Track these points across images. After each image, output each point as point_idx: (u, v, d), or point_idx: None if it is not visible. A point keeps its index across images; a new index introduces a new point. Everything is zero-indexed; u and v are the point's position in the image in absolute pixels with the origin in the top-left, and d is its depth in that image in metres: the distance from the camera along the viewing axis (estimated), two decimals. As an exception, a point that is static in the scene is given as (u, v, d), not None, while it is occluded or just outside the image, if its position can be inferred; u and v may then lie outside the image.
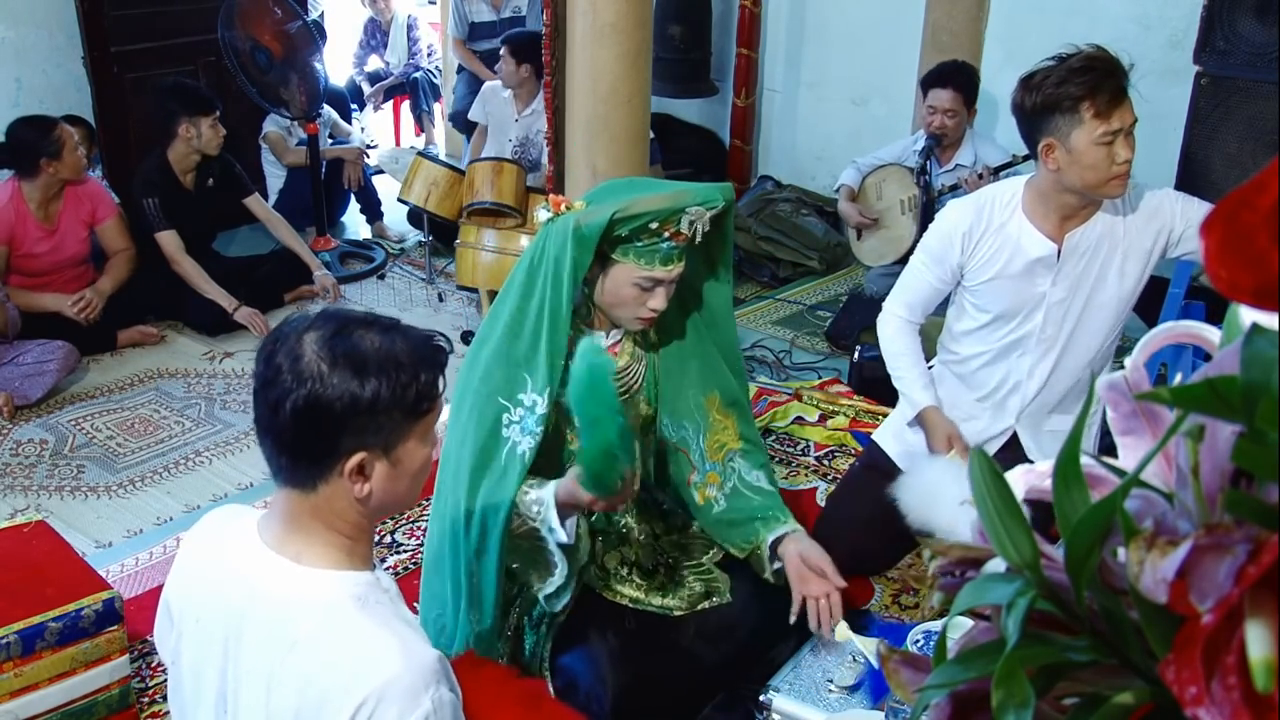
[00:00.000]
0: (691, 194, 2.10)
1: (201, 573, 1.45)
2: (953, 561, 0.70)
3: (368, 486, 1.34)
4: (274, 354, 1.32)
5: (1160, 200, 2.49)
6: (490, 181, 4.55)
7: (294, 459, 1.33)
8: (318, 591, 1.34)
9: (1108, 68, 2.28)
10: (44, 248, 4.13)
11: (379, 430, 1.32)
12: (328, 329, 1.32)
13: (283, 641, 1.32)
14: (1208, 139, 3.10)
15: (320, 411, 1.29)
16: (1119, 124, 2.28)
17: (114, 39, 4.98)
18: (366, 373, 1.30)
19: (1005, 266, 2.52)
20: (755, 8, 5.58)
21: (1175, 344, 0.76)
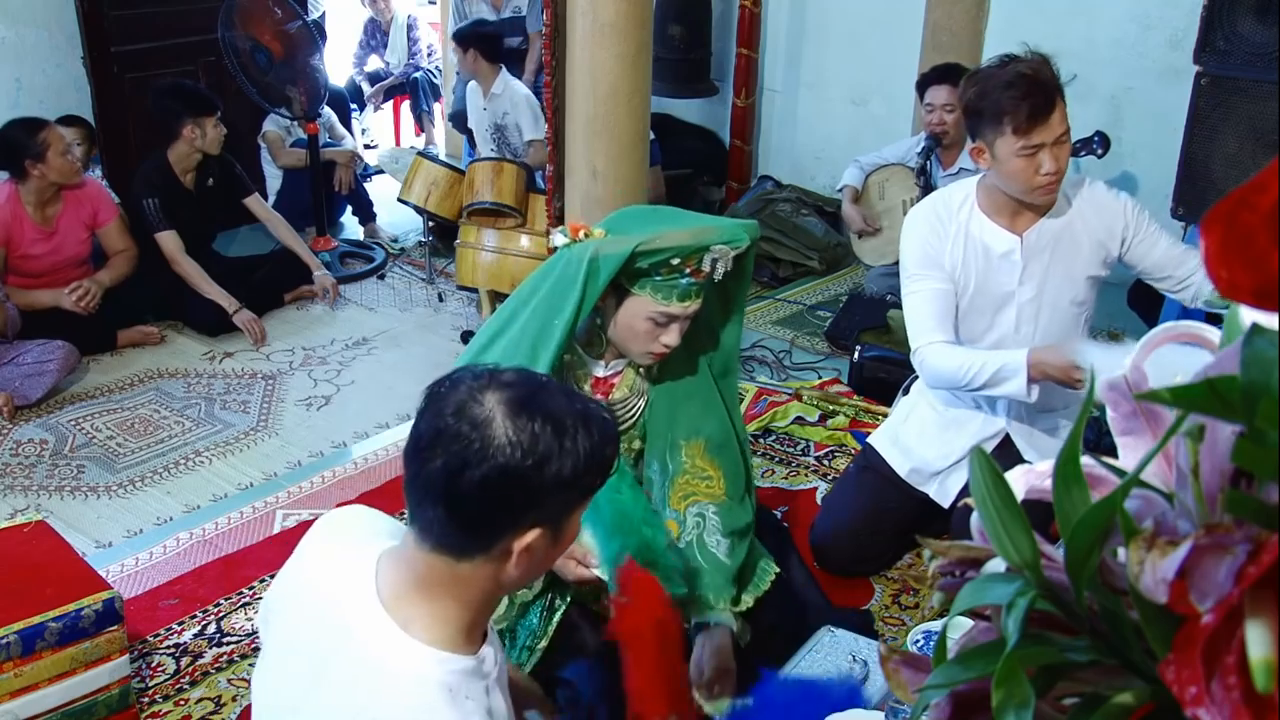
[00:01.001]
0: (717, 231, 2.05)
1: (310, 578, 1.37)
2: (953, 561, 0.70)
3: (526, 566, 1.26)
4: (444, 410, 1.22)
5: (1116, 202, 2.53)
6: (490, 181, 4.55)
7: (466, 529, 1.23)
8: (412, 669, 1.23)
9: (1035, 83, 2.28)
10: (42, 249, 4.13)
11: (560, 504, 1.25)
12: (515, 391, 1.23)
13: (363, 705, 1.24)
14: (1208, 139, 3.10)
15: (518, 482, 1.19)
16: (1040, 139, 2.30)
17: (114, 39, 4.98)
18: (566, 443, 1.21)
19: (973, 263, 2.52)
20: (755, 8, 5.58)
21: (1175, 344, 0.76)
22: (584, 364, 2.20)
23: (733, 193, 5.78)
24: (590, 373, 2.21)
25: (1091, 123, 4.37)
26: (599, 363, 2.20)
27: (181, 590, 2.87)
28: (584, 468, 1.22)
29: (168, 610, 2.78)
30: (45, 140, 3.97)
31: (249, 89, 4.90)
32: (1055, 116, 2.31)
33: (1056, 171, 2.34)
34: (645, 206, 2.33)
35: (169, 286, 4.40)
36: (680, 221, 2.13)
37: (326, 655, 1.28)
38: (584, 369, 2.21)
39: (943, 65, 4.20)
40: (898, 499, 2.78)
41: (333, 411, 3.90)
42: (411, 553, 1.27)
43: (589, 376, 2.22)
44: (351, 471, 3.46)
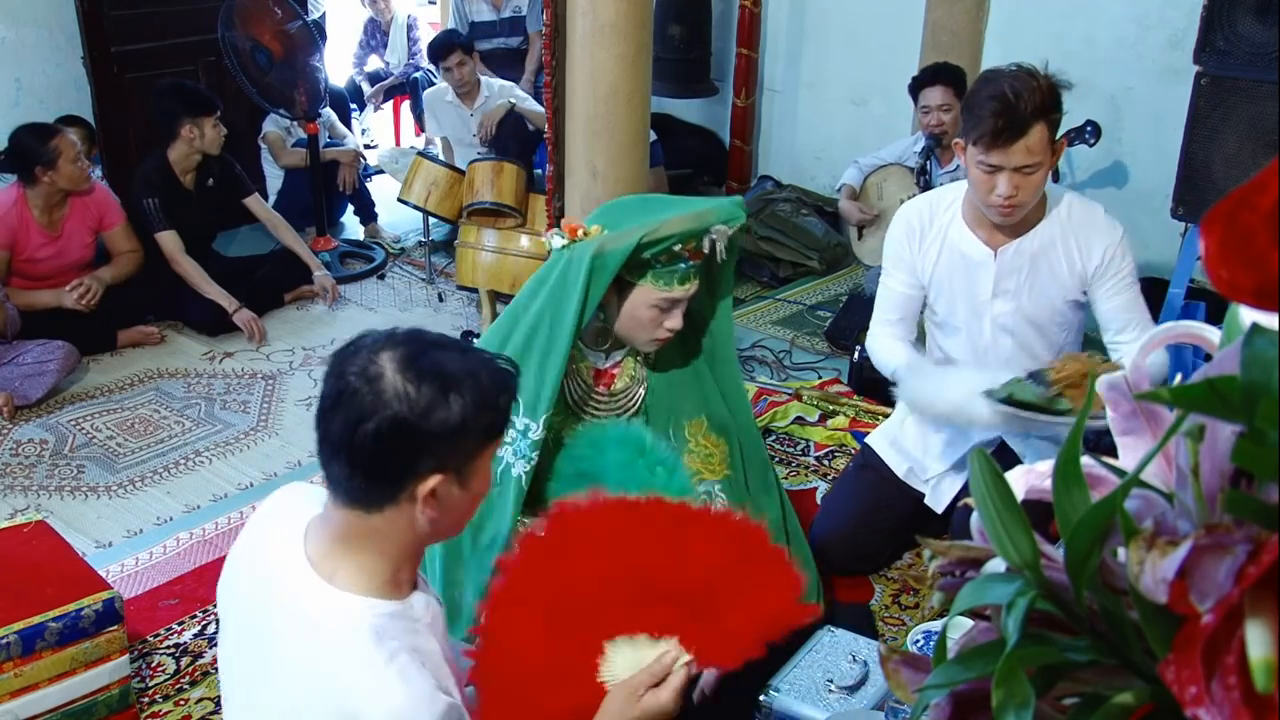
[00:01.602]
0: (714, 212, 2.09)
1: (252, 557, 1.46)
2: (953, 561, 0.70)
3: (436, 511, 1.33)
4: (344, 372, 1.30)
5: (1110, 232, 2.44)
6: (490, 181, 4.55)
7: (369, 480, 1.31)
8: (339, 617, 1.32)
9: (1010, 108, 2.22)
10: (47, 253, 4.13)
11: (459, 452, 1.32)
12: (407, 349, 1.31)
13: (298, 659, 1.32)
14: (1208, 139, 3.10)
15: (406, 433, 1.28)
16: (998, 162, 2.26)
17: (114, 39, 4.98)
18: (452, 393, 1.29)
19: (950, 270, 2.52)
20: (755, 8, 5.58)
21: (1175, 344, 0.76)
22: (585, 358, 2.21)
23: (733, 192, 5.78)
24: (593, 365, 2.23)
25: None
26: (600, 355, 2.21)
27: (181, 590, 2.87)
28: (473, 415, 1.30)
29: (168, 610, 2.78)
30: (57, 148, 3.97)
31: (249, 89, 4.90)
32: (1020, 145, 2.24)
33: (1011, 198, 2.28)
34: (631, 197, 2.35)
35: (169, 286, 4.40)
36: (671, 207, 2.15)
37: (270, 626, 1.37)
38: (586, 362, 2.22)
39: (933, 66, 4.21)
40: (896, 498, 2.79)
41: (333, 411, 3.89)
42: (330, 511, 1.37)
43: (591, 369, 2.24)
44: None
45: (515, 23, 5.97)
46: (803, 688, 2.11)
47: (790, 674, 2.16)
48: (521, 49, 5.99)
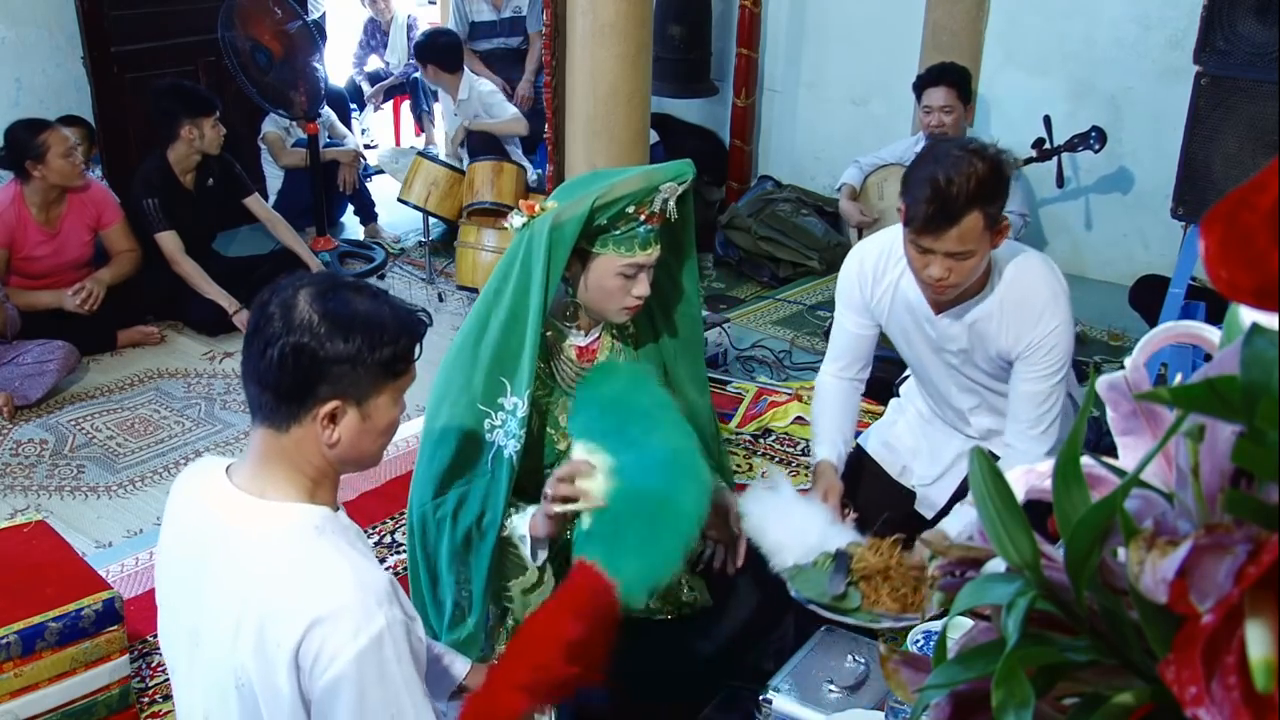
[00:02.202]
0: (663, 171, 2.11)
1: (177, 518, 1.56)
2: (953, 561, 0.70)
3: (337, 433, 1.46)
4: (268, 303, 1.45)
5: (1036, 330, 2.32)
6: (490, 181, 4.56)
7: (275, 399, 1.44)
8: (279, 522, 1.45)
9: (944, 197, 2.11)
10: (45, 250, 4.13)
11: (356, 383, 1.45)
12: (321, 286, 1.46)
13: (246, 573, 1.42)
14: (1208, 139, 3.10)
15: (304, 358, 1.41)
16: (928, 245, 2.17)
17: (114, 39, 4.98)
18: (352, 329, 1.43)
19: (900, 317, 2.49)
20: (755, 8, 5.58)
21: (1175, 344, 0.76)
22: (564, 335, 2.23)
23: (733, 193, 5.78)
24: (573, 343, 2.25)
25: (1091, 123, 4.37)
26: (579, 332, 2.23)
27: (181, 590, 2.87)
28: (369, 350, 1.43)
29: (168, 610, 2.78)
30: (46, 141, 3.97)
31: (249, 89, 4.90)
32: (952, 234, 2.14)
33: (942, 280, 2.21)
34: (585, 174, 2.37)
35: (169, 286, 4.40)
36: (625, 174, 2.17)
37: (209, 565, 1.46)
38: (566, 340, 2.24)
39: (938, 66, 4.20)
40: (890, 496, 2.79)
41: (333, 411, 3.90)
42: (252, 438, 1.50)
43: (572, 347, 2.25)
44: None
45: (515, 23, 5.97)
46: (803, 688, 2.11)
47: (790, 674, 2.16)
48: (521, 49, 5.99)
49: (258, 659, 1.38)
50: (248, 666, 1.39)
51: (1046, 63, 5.04)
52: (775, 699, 2.07)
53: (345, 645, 1.34)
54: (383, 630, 1.36)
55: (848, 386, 2.65)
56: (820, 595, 2.04)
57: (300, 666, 1.36)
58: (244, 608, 1.39)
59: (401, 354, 1.48)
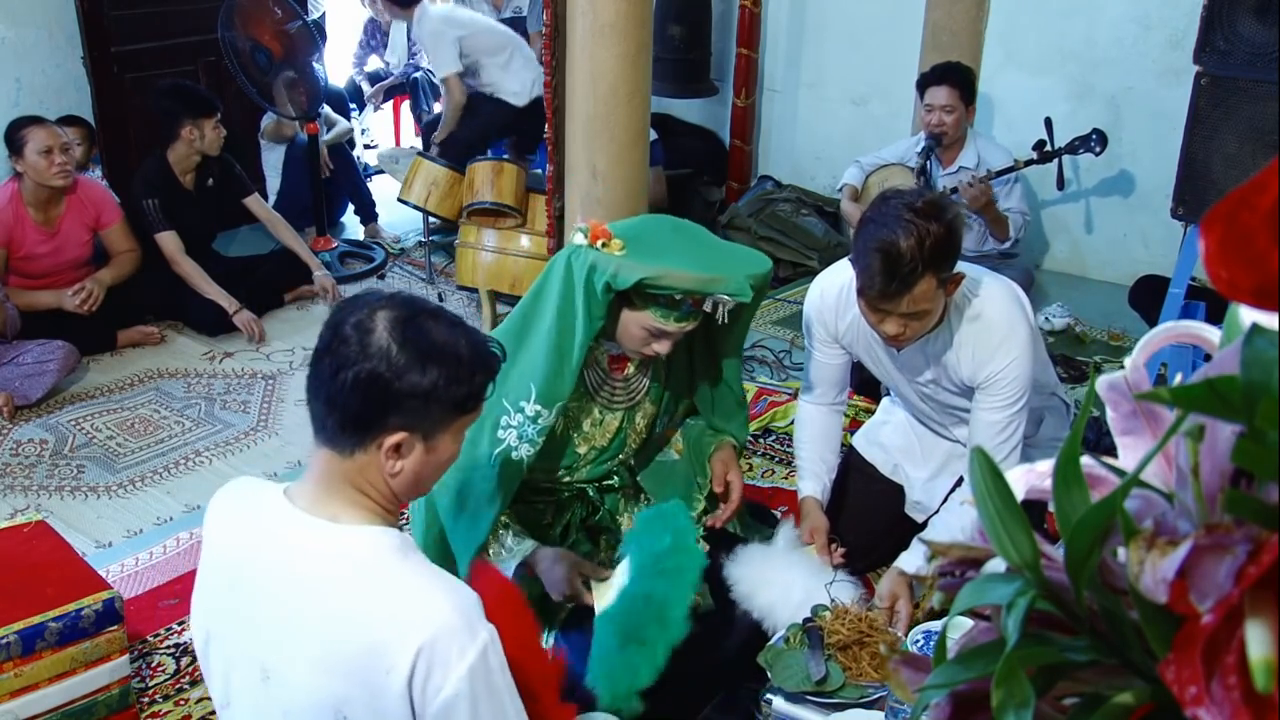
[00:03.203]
0: (724, 282, 2.08)
1: (225, 546, 1.48)
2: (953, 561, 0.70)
3: (401, 464, 1.42)
4: (343, 323, 1.41)
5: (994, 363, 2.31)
6: (490, 181, 4.55)
7: (341, 423, 1.40)
8: (360, 547, 1.39)
9: (893, 266, 2.07)
10: (44, 250, 4.13)
11: (426, 417, 1.41)
12: (401, 312, 1.41)
13: (335, 603, 1.36)
14: (1208, 139, 3.10)
15: (378, 387, 1.38)
16: (883, 308, 2.15)
17: (114, 39, 4.98)
18: (430, 362, 1.39)
19: (867, 346, 2.50)
20: (755, 8, 5.58)
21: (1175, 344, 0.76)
22: (601, 345, 2.28)
23: (733, 193, 5.78)
24: (608, 351, 2.30)
25: (1091, 123, 4.37)
26: (614, 344, 2.25)
27: (181, 590, 2.87)
28: (444, 386, 1.40)
29: (168, 610, 2.78)
30: (24, 136, 3.95)
31: (249, 89, 4.90)
32: (904, 301, 2.11)
33: (898, 337, 2.20)
34: (667, 221, 2.30)
35: (169, 286, 4.40)
36: (696, 255, 2.16)
37: (281, 593, 1.40)
38: (603, 349, 2.29)
39: (942, 65, 4.20)
40: (884, 496, 2.80)
41: (333, 411, 3.90)
42: (312, 457, 1.45)
43: (606, 355, 2.30)
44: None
45: (515, 23, 5.97)
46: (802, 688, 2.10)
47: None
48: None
49: (365, 689, 1.34)
50: (352, 696, 1.35)
51: (1046, 63, 5.04)
52: (775, 699, 2.07)
53: (455, 666, 1.32)
54: (486, 644, 1.34)
55: (828, 414, 2.66)
56: (803, 683, 2.03)
57: (413, 691, 1.33)
58: (340, 638, 1.35)
59: (475, 392, 1.45)
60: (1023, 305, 2.36)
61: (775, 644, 2.15)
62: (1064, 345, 4.36)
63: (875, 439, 2.85)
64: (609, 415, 2.33)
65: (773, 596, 2.24)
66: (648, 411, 2.40)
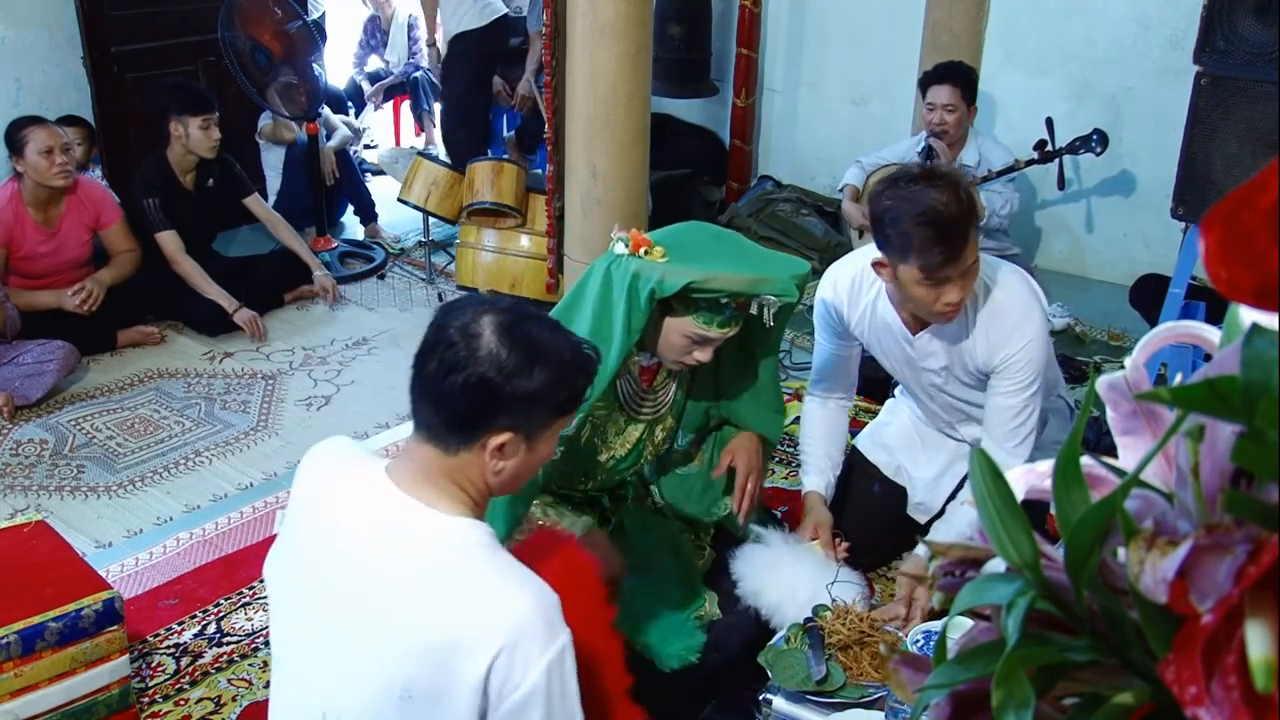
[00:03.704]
0: (770, 283, 2.10)
1: (320, 509, 1.53)
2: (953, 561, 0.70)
3: (503, 464, 1.48)
4: (446, 326, 1.46)
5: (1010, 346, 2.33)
6: (490, 181, 4.55)
7: (449, 423, 1.45)
8: (455, 536, 1.44)
9: (949, 224, 2.11)
10: (44, 250, 4.12)
11: (531, 418, 1.48)
12: (506, 316, 1.47)
13: (426, 586, 1.40)
14: (1208, 139, 3.10)
15: (488, 391, 1.43)
16: (948, 274, 2.17)
17: (114, 39, 4.98)
18: (537, 365, 1.45)
19: (883, 338, 2.50)
20: (755, 8, 5.58)
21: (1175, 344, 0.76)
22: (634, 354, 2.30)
23: (733, 193, 5.78)
24: (639, 362, 2.32)
25: (1091, 123, 4.37)
26: (644, 353, 2.28)
27: (181, 590, 2.87)
28: (550, 389, 1.46)
29: (168, 610, 2.78)
30: (25, 136, 3.95)
31: (249, 89, 4.90)
32: (966, 252, 2.16)
33: (960, 301, 2.22)
34: (704, 229, 2.37)
35: (169, 286, 4.40)
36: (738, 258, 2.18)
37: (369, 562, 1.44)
38: (635, 359, 2.31)
39: (944, 64, 4.20)
40: (886, 496, 2.80)
41: (333, 411, 3.90)
42: (413, 448, 1.49)
43: (637, 364, 2.32)
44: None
45: (515, 22, 5.97)
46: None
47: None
48: (522, 49, 5.99)
49: (438, 673, 1.36)
50: (421, 678, 1.37)
51: (1046, 63, 5.04)
52: (775, 700, 2.07)
53: (534, 664, 1.35)
54: (564, 646, 1.38)
55: (834, 409, 2.68)
56: (804, 683, 2.04)
57: (489, 685, 1.36)
58: (424, 621, 1.38)
59: (577, 394, 1.53)
60: (1037, 292, 2.39)
61: (775, 644, 2.15)
62: (1064, 345, 4.37)
63: (879, 440, 2.85)
64: (632, 426, 2.34)
65: (780, 594, 2.25)
66: (668, 425, 2.41)
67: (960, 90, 4.11)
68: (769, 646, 2.15)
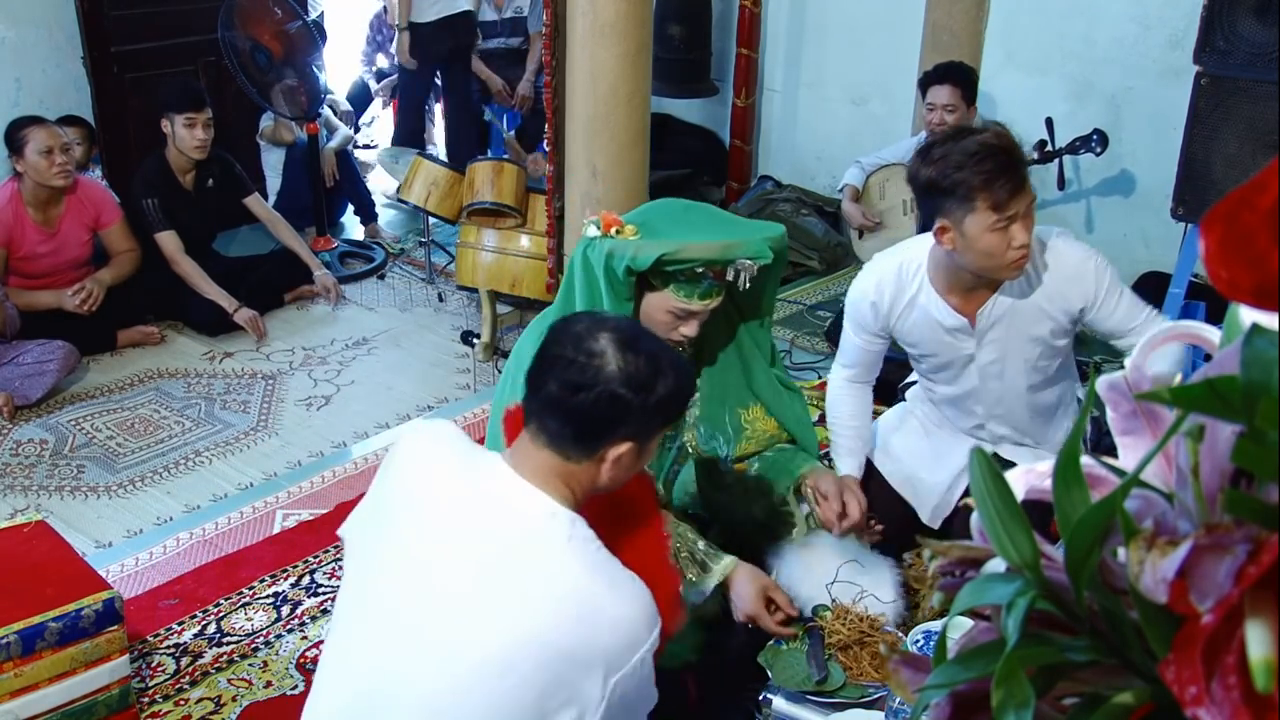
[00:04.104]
0: (743, 245, 2.10)
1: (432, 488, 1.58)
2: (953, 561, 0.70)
3: (616, 472, 1.57)
4: (562, 341, 1.55)
5: (1085, 270, 2.35)
6: (490, 181, 4.55)
7: (577, 437, 1.54)
8: (574, 532, 1.51)
9: (1004, 153, 2.16)
10: (43, 250, 4.12)
11: (648, 429, 1.58)
12: (625, 334, 1.57)
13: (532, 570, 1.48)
14: (1208, 139, 3.10)
15: (618, 407, 1.52)
16: (1015, 210, 2.18)
17: (114, 39, 4.98)
18: (659, 381, 1.55)
19: (927, 333, 2.48)
20: (755, 8, 5.58)
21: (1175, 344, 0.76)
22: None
23: (733, 193, 5.78)
24: None
25: (1091, 123, 4.37)
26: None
27: (181, 590, 2.87)
28: (671, 398, 1.57)
29: (168, 610, 2.78)
30: (25, 136, 3.95)
31: (249, 89, 4.90)
32: (1027, 185, 2.19)
33: (1028, 242, 2.22)
34: (677, 203, 2.37)
35: (169, 286, 4.40)
36: (709, 228, 2.17)
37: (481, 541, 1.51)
38: None
39: (944, 65, 4.20)
40: (890, 500, 2.78)
41: (333, 411, 3.90)
42: (529, 449, 1.57)
43: None
44: (351, 471, 3.46)
45: (516, 23, 5.97)
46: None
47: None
48: (522, 49, 5.99)
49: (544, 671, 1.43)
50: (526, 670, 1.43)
51: (1046, 63, 5.03)
52: (775, 700, 2.07)
53: (632, 651, 1.46)
54: (655, 639, 1.49)
55: (862, 391, 2.69)
56: (803, 683, 2.04)
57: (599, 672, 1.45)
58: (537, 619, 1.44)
59: (685, 403, 1.65)
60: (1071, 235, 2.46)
61: (775, 644, 2.15)
62: (1064, 345, 4.36)
63: (886, 447, 2.82)
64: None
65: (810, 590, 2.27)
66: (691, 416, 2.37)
67: (960, 90, 4.11)
68: (769, 646, 2.15)
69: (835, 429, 2.68)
